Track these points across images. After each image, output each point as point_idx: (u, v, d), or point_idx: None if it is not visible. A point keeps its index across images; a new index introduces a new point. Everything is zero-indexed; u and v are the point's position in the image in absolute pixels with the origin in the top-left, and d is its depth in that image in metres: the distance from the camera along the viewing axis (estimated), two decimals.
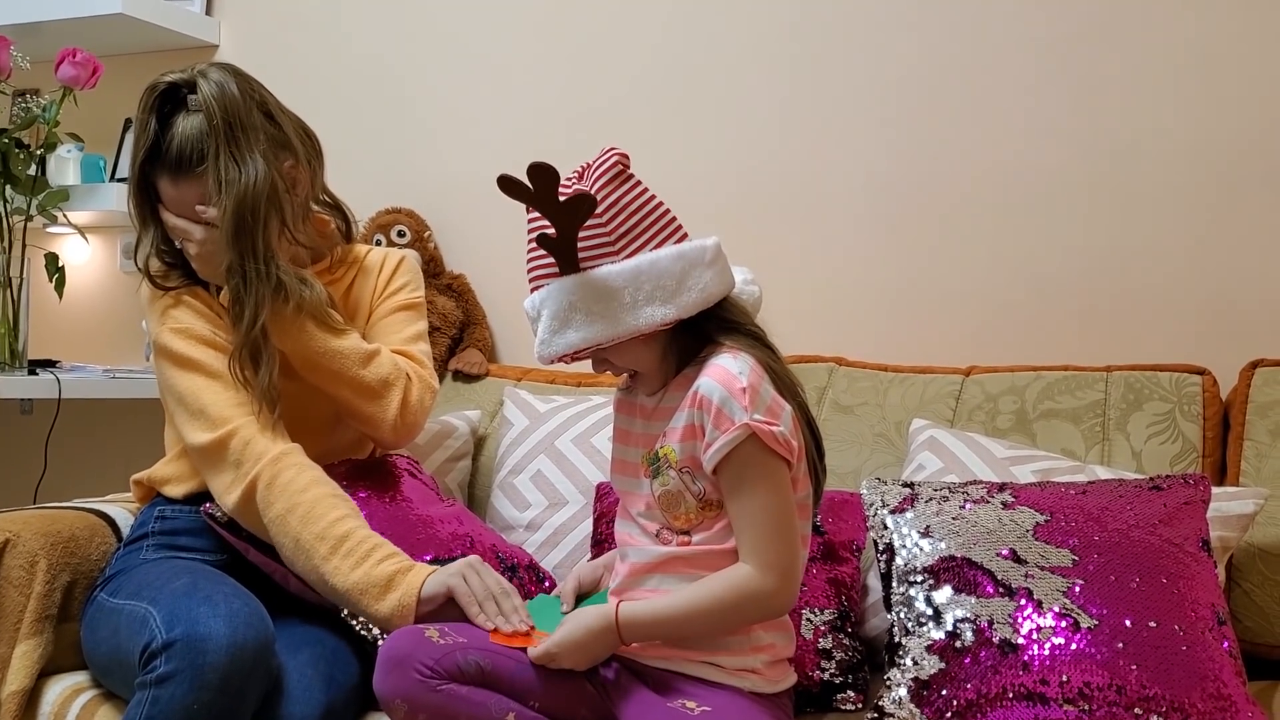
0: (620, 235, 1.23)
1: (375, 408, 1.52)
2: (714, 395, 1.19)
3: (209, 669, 1.22)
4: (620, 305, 1.21)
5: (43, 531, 1.52)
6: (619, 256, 1.22)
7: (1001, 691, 1.21)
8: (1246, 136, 1.75)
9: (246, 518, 1.42)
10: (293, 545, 1.37)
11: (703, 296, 1.23)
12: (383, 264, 1.66)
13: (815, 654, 1.39)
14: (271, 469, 1.40)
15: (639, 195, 1.25)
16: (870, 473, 1.64)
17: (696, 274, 1.22)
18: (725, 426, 1.18)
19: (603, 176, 1.24)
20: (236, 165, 1.44)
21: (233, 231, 1.43)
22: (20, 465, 2.32)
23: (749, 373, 1.20)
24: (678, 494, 1.24)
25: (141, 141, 1.48)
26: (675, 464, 1.23)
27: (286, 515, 1.38)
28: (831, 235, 1.99)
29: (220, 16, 2.47)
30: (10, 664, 1.44)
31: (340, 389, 1.51)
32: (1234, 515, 1.42)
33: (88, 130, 2.33)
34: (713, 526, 1.23)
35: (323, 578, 1.35)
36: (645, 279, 1.21)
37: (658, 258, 1.22)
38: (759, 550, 1.20)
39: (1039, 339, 1.84)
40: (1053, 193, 1.86)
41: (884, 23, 1.96)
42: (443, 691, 1.18)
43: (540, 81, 2.19)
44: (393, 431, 1.53)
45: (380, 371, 1.52)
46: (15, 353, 2.16)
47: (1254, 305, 1.75)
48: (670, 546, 1.25)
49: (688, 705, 1.20)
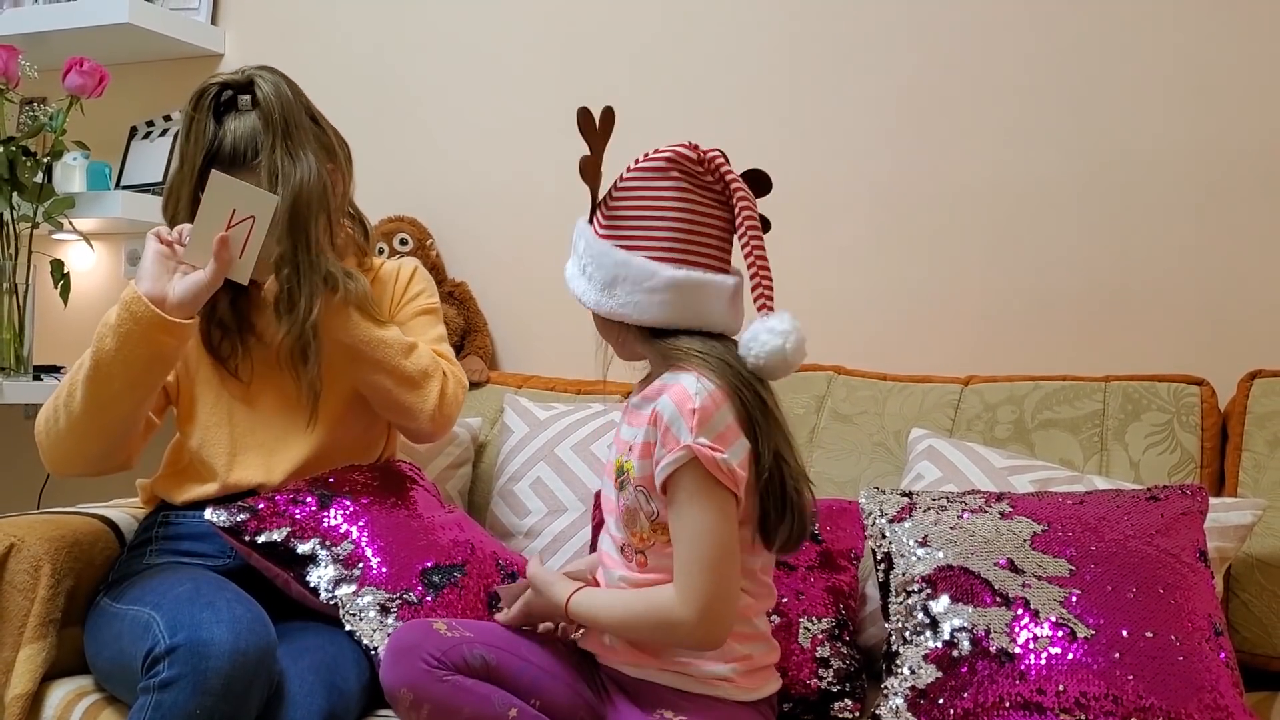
0: (620, 219, 1.25)
1: (415, 397, 1.55)
2: (666, 414, 1.18)
3: (211, 674, 1.23)
4: (601, 283, 1.23)
5: (47, 536, 1.52)
6: (618, 241, 1.24)
7: (998, 701, 1.22)
8: (1245, 146, 1.76)
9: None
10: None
11: (659, 312, 1.22)
12: (397, 274, 1.70)
13: (813, 662, 1.40)
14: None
15: (663, 196, 1.23)
16: (869, 482, 1.64)
17: (629, 286, 1.22)
18: (671, 446, 1.17)
19: (654, 160, 1.25)
20: (291, 159, 1.49)
21: (288, 223, 1.47)
22: (24, 470, 2.33)
23: (704, 396, 1.17)
24: (635, 510, 1.23)
25: (199, 141, 1.51)
26: (633, 480, 1.22)
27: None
28: (831, 244, 1.99)
29: (225, 26, 2.49)
30: (14, 668, 1.45)
31: (382, 378, 1.54)
32: (1232, 526, 1.42)
33: (94, 138, 2.34)
34: (664, 550, 1.21)
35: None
36: (613, 275, 1.23)
37: (641, 263, 1.22)
38: (684, 580, 1.17)
39: (1038, 349, 1.85)
40: (1052, 203, 1.87)
41: (884, 34, 1.97)
42: (449, 682, 1.19)
43: (543, 90, 2.20)
44: (430, 421, 1.56)
45: (420, 363, 1.56)
46: (20, 358, 2.17)
47: (1252, 316, 1.75)
48: (629, 570, 1.25)
49: (666, 715, 1.20)
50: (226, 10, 2.49)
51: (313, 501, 1.48)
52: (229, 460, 1.54)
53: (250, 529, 1.44)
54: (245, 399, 1.57)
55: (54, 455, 1.52)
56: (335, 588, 1.41)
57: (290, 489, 1.51)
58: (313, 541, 1.44)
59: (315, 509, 1.48)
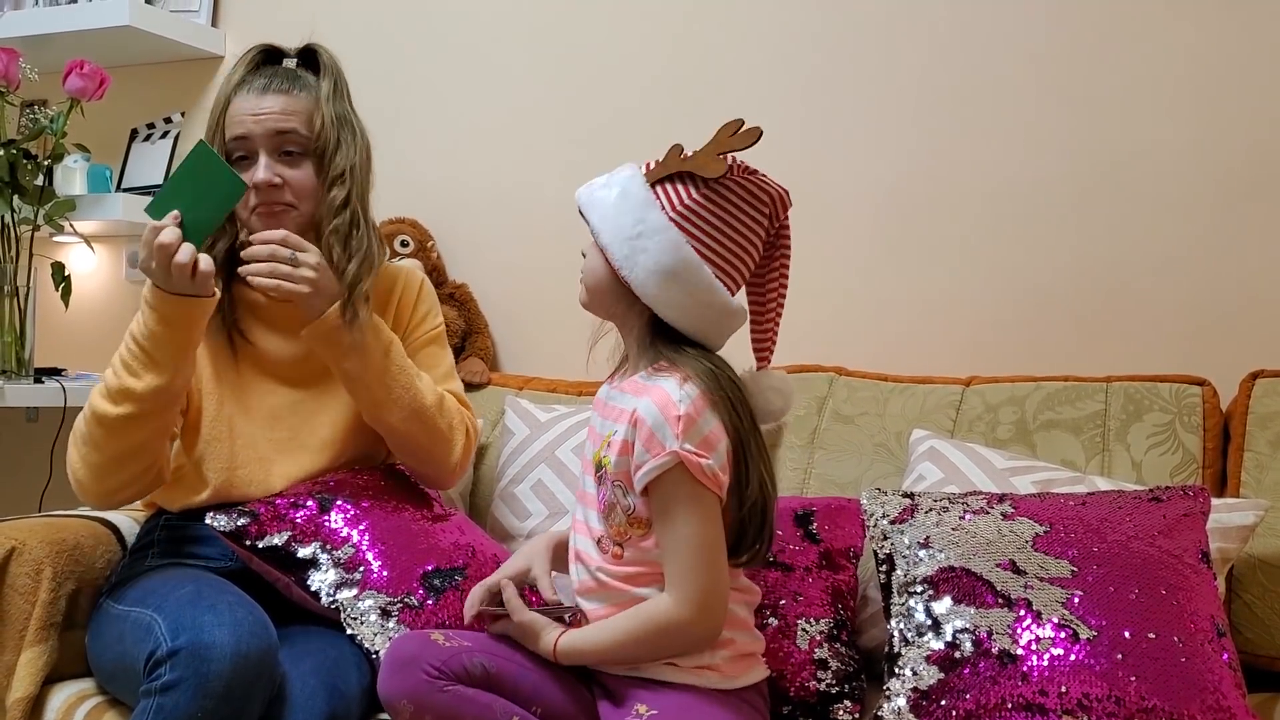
0: (704, 221, 1.23)
1: (443, 451, 1.55)
2: (649, 418, 1.20)
3: (213, 677, 1.23)
4: (637, 250, 1.22)
5: (48, 539, 1.52)
6: (694, 240, 1.23)
7: (1000, 702, 1.22)
8: (1245, 146, 1.76)
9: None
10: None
11: (673, 308, 1.23)
12: (403, 284, 1.65)
13: (811, 664, 1.40)
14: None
15: (752, 226, 1.25)
16: (870, 483, 1.64)
17: (685, 288, 1.23)
18: (655, 451, 1.20)
19: (763, 188, 1.26)
20: (351, 125, 1.54)
21: (355, 182, 1.52)
22: (26, 473, 2.33)
23: (689, 403, 1.20)
24: (612, 505, 1.26)
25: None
26: (610, 475, 1.25)
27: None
28: (832, 246, 1.99)
29: (226, 28, 2.49)
30: (15, 671, 1.45)
31: (412, 425, 1.52)
32: (1234, 527, 1.42)
33: (94, 141, 2.35)
34: (640, 544, 1.24)
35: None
36: (672, 270, 1.22)
37: (677, 244, 1.22)
38: (678, 581, 1.21)
39: (1039, 350, 1.85)
40: (1053, 203, 1.86)
41: (885, 36, 1.97)
42: (450, 692, 1.19)
43: (545, 92, 2.20)
44: (451, 476, 1.59)
45: (449, 418, 1.56)
46: (21, 361, 2.17)
47: (1254, 316, 1.75)
48: (605, 562, 1.26)
49: (639, 710, 1.21)
50: (227, 12, 2.50)
51: (313, 505, 1.48)
52: (228, 474, 1.53)
53: (251, 533, 1.44)
54: (246, 412, 1.55)
55: (103, 484, 1.47)
56: (336, 591, 1.41)
57: (291, 493, 1.51)
58: (314, 545, 1.44)
59: (316, 513, 1.48)
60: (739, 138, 1.25)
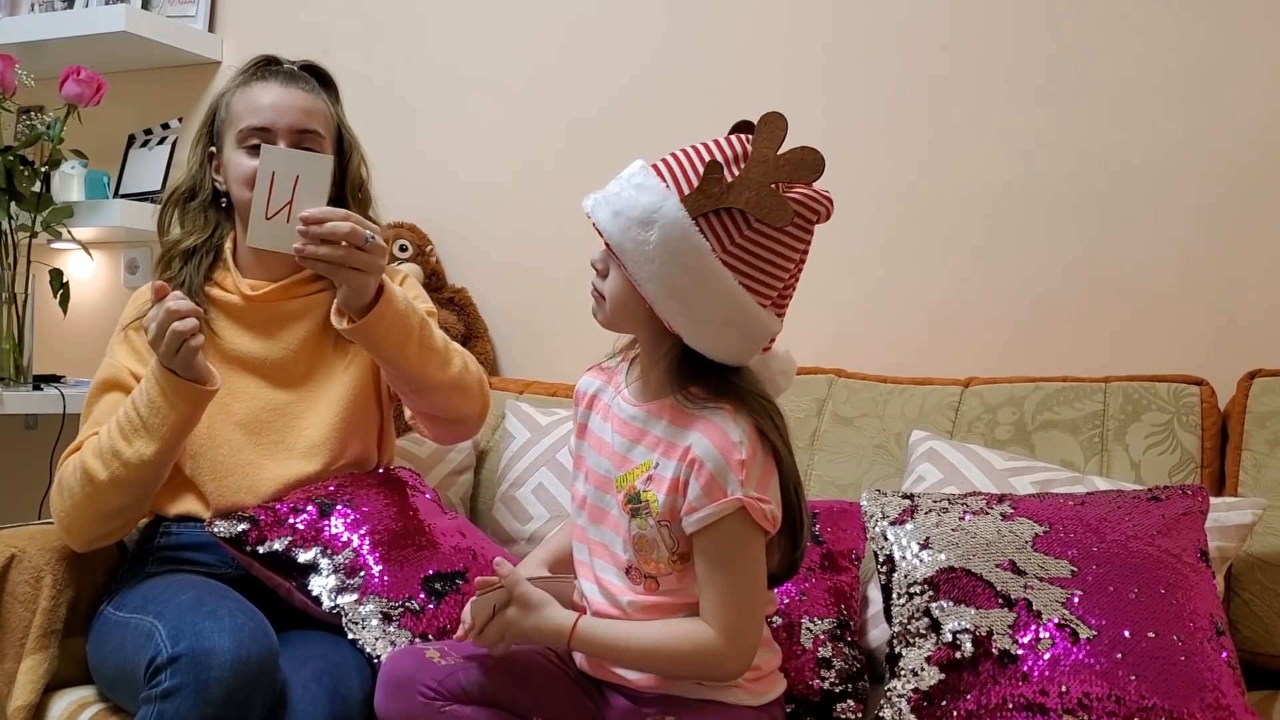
0: (760, 263, 1.15)
1: (464, 401, 1.57)
2: (709, 461, 1.14)
3: (214, 683, 1.23)
4: (690, 302, 1.13)
5: (47, 547, 1.53)
6: (741, 276, 1.14)
7: (1001, 702, 1.22)
8: (1244, 148, 1.76)
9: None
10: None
11: (718, 348, 1.16)
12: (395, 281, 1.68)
13: (815, 663, 1.40)
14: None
15: (786, 247, 1.15)
16: (870, 484, 1.64)
17: (739, 332, 1.15)
18: (717, 496, 1.13)
19: (803, 213, 1.16)
20: (357, 140, 1.65)
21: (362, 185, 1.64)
22: (25, 481, 2.33)
23: (747, 445, 1.14)
24: (653, 542, 1.19)
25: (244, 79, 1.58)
26: (655, 514, 1.18)
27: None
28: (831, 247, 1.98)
29: (223, 33, 2.49)
30: (16, 679, 1.45)
31: (433, 370, 1.51)
32: (1232, 525, 1.42)
33: (92, 147, 2.34)
34: (682, 579, 1.19)
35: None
36: (728, 320, 1.14)
37: (733, 292, 1.13)
38: (723, 618, 1.16)
39: (1037, 350, 1.85)
40: (1051, 205, 1.87)
41: (883, 38, 1.97)
42: (447, 713, 1.18)
43: (541, 95, 2.20)
44: (480, 415, 1.61)
45: (465, 361, 1.58)
46: (20, 368, 2.17)
47: (1252, 316, 1.75)
48: (635, 594, 1.21)
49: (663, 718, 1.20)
50: (224, 17, 2.50)
51: (313, 510, 1.48)
52: (216, 483, 1.52)
53: (251, 539, 1.44)
54: (229, 418, 1.54)
55: (84, 536, 1.49)
56: (337, 596, 1.41)
57: (291, 498, 1.51)
58: (314, 550, 1.44)
59: (316, 518, 1.48)
60: (793, 167, 1.14)
